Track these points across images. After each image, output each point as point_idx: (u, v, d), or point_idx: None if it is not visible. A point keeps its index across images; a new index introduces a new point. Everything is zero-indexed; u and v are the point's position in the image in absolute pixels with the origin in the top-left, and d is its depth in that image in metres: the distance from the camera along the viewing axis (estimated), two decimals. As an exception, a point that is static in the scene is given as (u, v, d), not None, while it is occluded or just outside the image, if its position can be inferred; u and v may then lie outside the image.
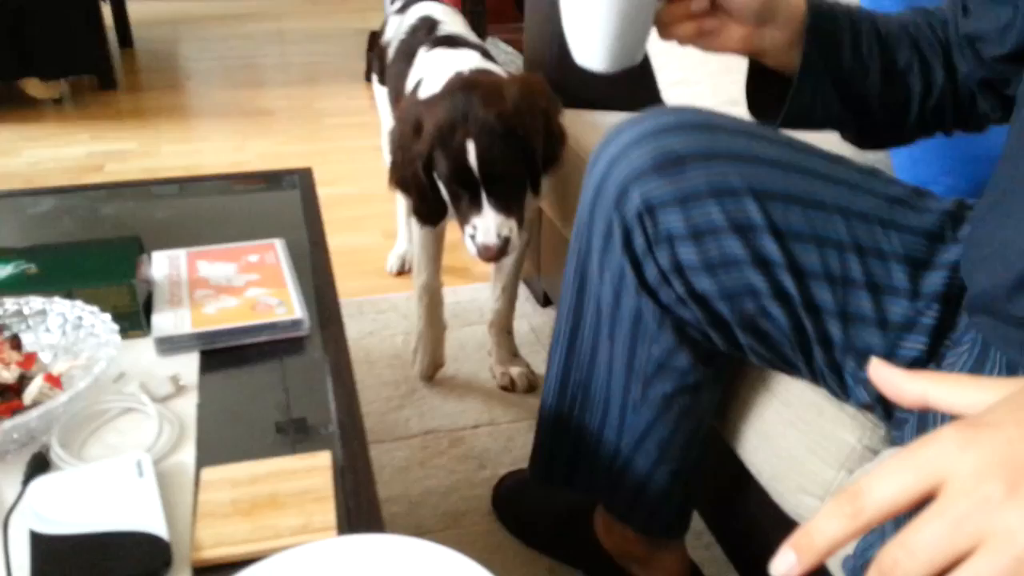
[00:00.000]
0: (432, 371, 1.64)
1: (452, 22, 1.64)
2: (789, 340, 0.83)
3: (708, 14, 0.79)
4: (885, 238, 0.81)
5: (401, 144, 1.24)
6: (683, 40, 0.81)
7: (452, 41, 1.52)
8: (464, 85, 1.21)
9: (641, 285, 0.85)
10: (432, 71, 1.42)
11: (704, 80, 1.27)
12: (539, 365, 1.69)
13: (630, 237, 0.83)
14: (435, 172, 1.22)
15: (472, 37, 1.61)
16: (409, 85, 1.47)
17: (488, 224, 1.18)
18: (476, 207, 1.19)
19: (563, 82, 1.57)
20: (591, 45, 0.76)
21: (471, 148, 1.16)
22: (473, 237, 1.20)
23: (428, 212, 1.29)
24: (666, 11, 0.77)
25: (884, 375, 0.48)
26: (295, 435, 0.75)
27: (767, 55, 0.83)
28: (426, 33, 1.57)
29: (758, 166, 0.80)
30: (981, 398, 0.43)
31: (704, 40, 0.81)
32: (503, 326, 1.63)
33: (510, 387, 1.61)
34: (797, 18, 0.80)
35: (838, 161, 0.85)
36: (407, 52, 1.56)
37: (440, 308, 1.61)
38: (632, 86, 1.28)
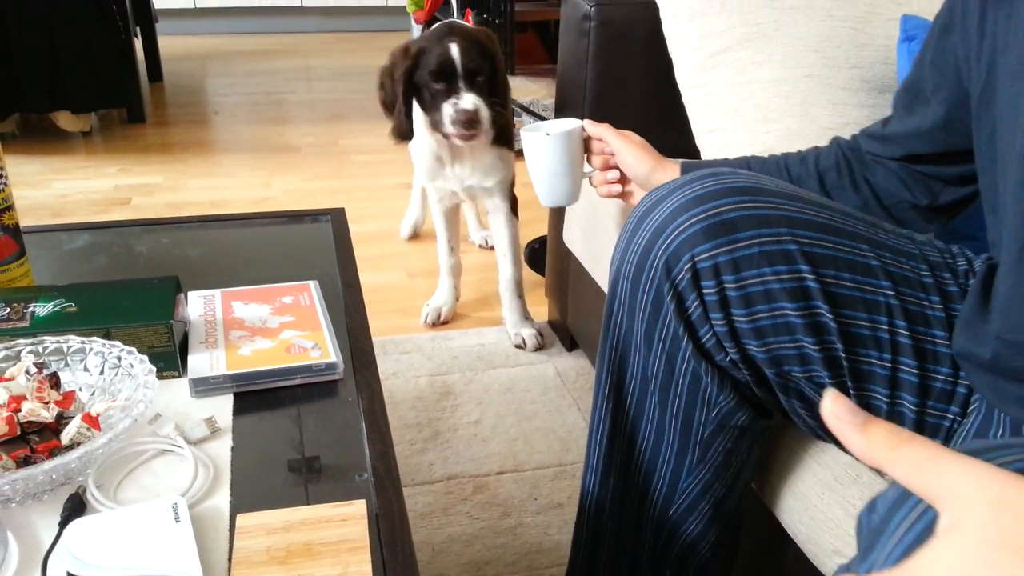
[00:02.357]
0: (435, 320, 2.02)
1: None
2: None
3: (623, 181, 1.12)
4: (928, 303, 0.80)
5: (392, 66, 1.65)
6: (609, 197, 1.15)
7: None
8: (444, 25, 1.64)
9: (698, 349, 0.83)
10: None
11: (740, 129, 1.27)
12: (564, 410, 1.68)
13: (684, 303, 0.81)
14: (418, 76, 1.61)
15: None
16: None
17: (466, 97, 1.58)
18: (455, 93, 1.59)
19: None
20: (539, 190, 1.19)
21: (455, 48, 1.57)
22: (455, 106, 1.58)
23: (404, 124, 1.66)
24: (594, 178, 1.15)
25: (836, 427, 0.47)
26: (329, 482, 0.74)
27: None
28: None
29: (807, 229, 0.79)
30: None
31: (623, 198, 1.14)
32: (514, 291, 1.93)
33: (522, 346, 1.91)
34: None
35: (876, 224, 0.84)
36: None
37: (459, 278, 2.06)
38: (666, 134, 1.29)
